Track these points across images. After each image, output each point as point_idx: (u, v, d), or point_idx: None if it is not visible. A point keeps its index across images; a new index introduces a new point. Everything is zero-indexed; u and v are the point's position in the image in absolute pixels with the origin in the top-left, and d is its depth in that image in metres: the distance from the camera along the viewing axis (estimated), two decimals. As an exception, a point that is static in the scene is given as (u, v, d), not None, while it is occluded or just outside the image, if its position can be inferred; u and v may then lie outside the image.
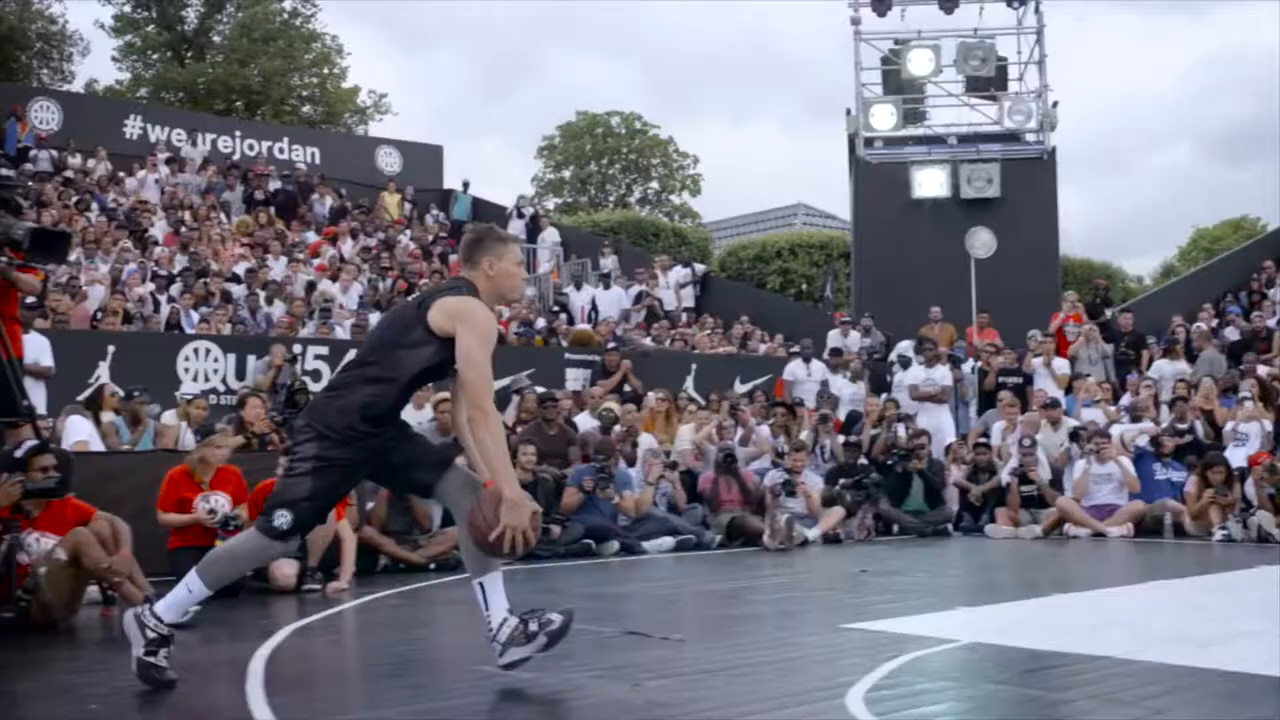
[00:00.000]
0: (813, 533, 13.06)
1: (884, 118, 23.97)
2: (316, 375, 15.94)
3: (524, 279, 5.65)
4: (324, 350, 16.31)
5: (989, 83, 24.18)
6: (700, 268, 24.89)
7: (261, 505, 9.48)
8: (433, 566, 10.89)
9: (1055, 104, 24.03)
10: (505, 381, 16.92)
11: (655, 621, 7.57)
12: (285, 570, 9.44)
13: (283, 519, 5.29)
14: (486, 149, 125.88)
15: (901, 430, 15.14)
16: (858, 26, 24.21)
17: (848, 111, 24.35)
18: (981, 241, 19.97)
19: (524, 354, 18.12)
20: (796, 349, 19.00)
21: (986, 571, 11.10)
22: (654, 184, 53.95)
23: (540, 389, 15.45)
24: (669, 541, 12.52)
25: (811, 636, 6.97)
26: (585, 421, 14.78)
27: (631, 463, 13.59)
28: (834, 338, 20.36)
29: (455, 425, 5.54)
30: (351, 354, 7.34)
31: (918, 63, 23.91)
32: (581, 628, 7.57)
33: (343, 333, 17.59)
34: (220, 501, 9.44)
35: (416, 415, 14.26)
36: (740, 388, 18.58)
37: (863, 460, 14.71)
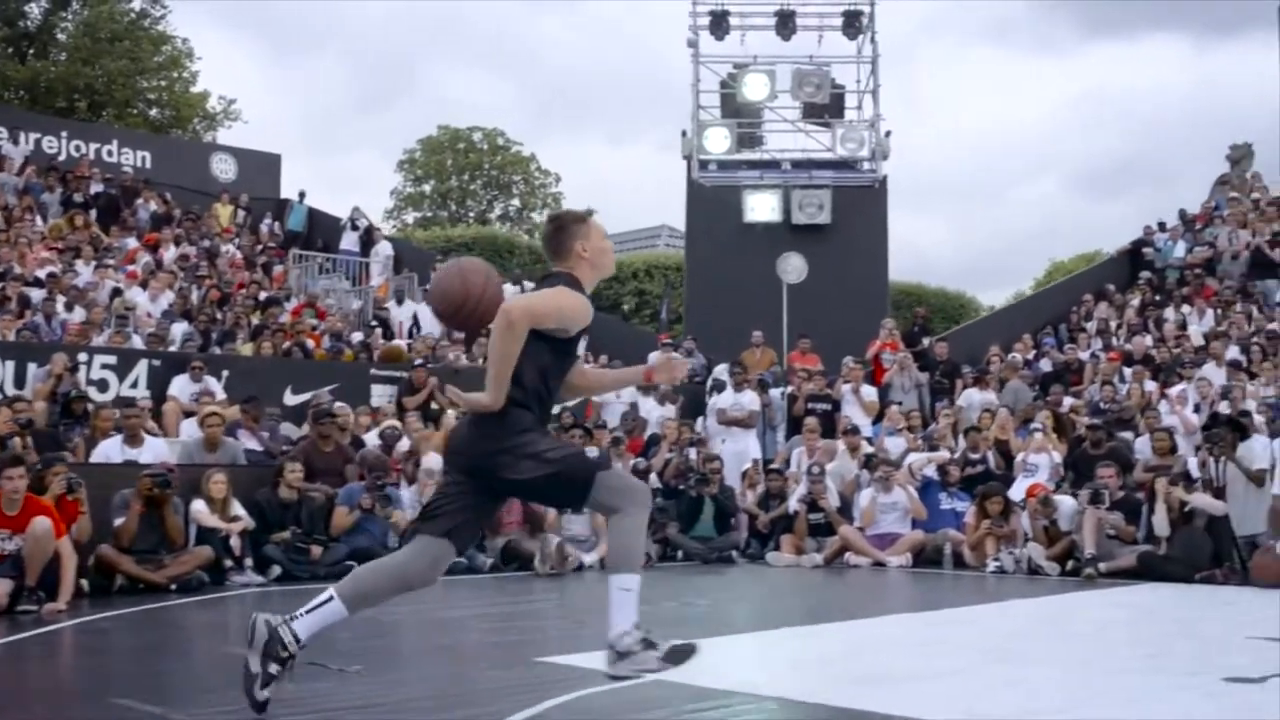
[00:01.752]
0: (590, 557, 12.80)
1: (718, 141, 23.92)
2: (103, 385, 15.38)
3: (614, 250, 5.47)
4: (112, 360, 15.68)
5: (824, 110, 24.27)
6: (529, 285, 24.52)
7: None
8: (173, 588, 10.45)
9: (888, 133, 24.22)
10: (305, 397, 16.54)
11: (355, 650, 7.22)
12: (-3, 590, 8.97)
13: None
14: (362, 160, 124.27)
15: (693, 454, 14.97)
16: (694, 49, 24.18)
17: (683, 133, 24.31)
18: (793, 266, 19.99)
19: (330, 369, 17.65)
20: (608, 370, 18.80)
21: (738, 602, 10.91)
22: (515, 201, 53.62)
23: (339, 404, 15.11)
24: (437, 565, 12.15)
25: (497, 670, 6.69)
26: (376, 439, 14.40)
27: (413, 481, 13.24)
28: (655, 359, 20.15)
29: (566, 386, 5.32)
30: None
31: (753, 87, 23.94)
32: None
33: (139, 342, 16.98)
34: (-73, 516, 8.95)
35: (187, 429, 13.84)
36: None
37: (655, 484, 14.52)
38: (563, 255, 5.16)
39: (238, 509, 11.50)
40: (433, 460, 13.95)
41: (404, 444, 14.07)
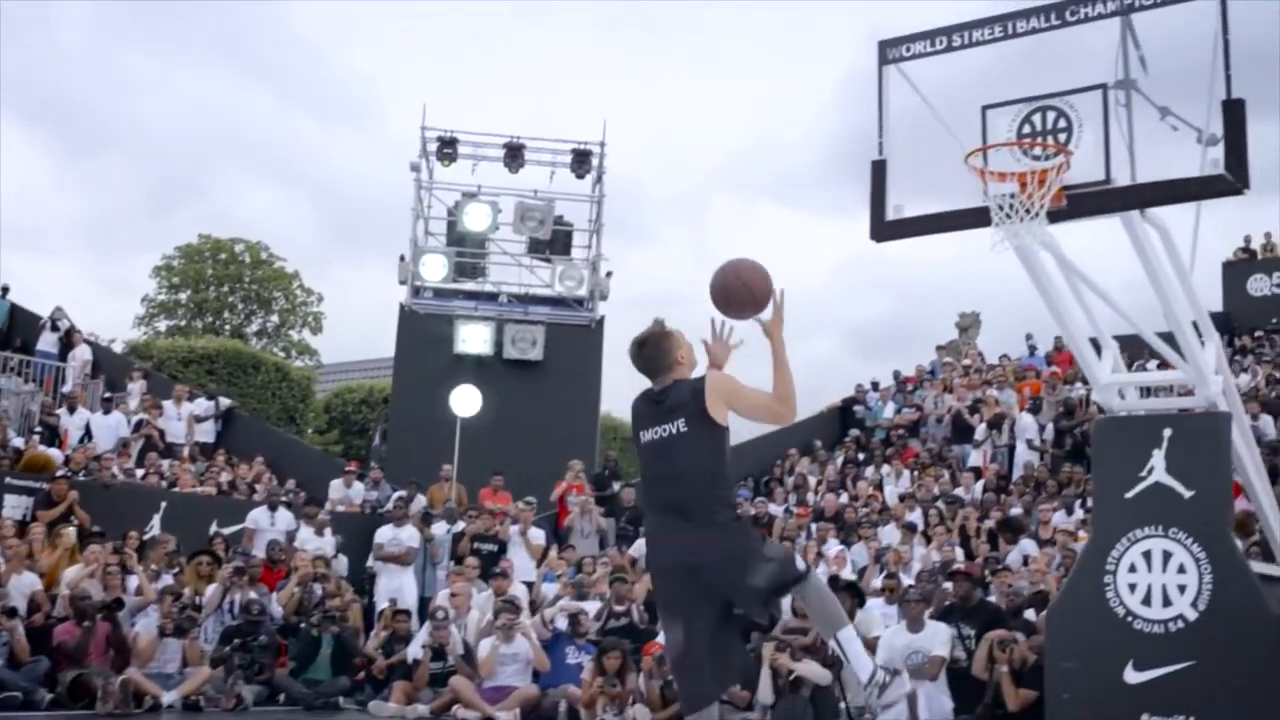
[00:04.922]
0: (170, 696, 11.81)
1: (435, 268, 23.42)
2: None
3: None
4: None
5: (548, 245, 24.01)
6: (225, 401, 23.40)
7: None
8: None
9: (609, 274, 24.08)
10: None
11: None
12: None
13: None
14: (144, 264, 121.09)
15: (318, 590, 14.12)
16: (418, 174, 23.76)
17: (401, 258, 23.75)
18: (465, 400, 19.56)
19: (-38, 474, 16.38)
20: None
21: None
22: (275, 318, 52.20)
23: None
24: (-19, 700, 11.05)
25: None
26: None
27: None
28: (336, 488, 19.39)
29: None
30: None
31: (474, 217, 23.57)
32: None
33: None
34: None
35: None
36: (213, 530, 17.29)
37: (278, 618, 13.63)
38: (666, 368, 5.40)
39: None
40: (24, 582, 12.91)
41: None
